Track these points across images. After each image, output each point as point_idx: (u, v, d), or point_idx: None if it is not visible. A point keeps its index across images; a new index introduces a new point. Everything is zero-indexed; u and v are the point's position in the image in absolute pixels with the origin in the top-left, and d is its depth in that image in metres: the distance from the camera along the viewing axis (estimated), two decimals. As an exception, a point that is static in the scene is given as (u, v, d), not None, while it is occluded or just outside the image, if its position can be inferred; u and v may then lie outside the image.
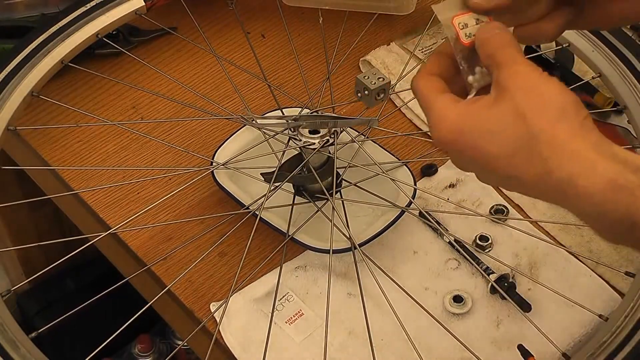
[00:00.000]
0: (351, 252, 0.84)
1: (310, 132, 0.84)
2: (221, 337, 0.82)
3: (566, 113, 0.57)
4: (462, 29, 0.64)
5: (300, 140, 0.84)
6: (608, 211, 0.54)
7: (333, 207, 0.85)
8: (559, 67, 1.05)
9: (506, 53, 0.60)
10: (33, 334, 0.76)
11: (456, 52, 0.64)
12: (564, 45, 0.98)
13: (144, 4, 0.99)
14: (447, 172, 0.96)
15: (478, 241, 0.89)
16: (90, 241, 0.83)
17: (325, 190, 0.87)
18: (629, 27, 1.10)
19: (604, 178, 0.53)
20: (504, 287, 0.85)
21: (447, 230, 0.91)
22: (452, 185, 0.95)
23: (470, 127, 0.59)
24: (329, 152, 0.87)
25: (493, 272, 0.87)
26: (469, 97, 0.63)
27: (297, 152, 0.86)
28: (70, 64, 0.95)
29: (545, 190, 0.57)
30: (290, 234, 0.86)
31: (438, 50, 0.66)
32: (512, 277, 0.86)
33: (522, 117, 0.57)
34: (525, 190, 0.59)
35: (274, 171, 0.85)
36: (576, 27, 0.75)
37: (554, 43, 1.03)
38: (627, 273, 0.83)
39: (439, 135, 0.61)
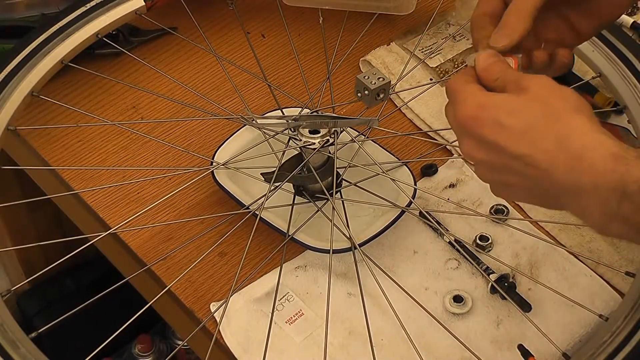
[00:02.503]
0: (351, 252, 0.84)
1: (310, 132, 0.84)
2: (221, 337, 0.82)
3: (582, 109, 0.64)
4: None
5: (301, 140, 0.84)
6: (605, 181, 0.59)
7: (333, 207, 0.85)
8: (559, 67, 1.05)
9: (513, 72, 0.68)
10: (33, 334, 0.76)
11: None
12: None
13: (144, 4, 0.99)
14: (447, 172, 0.96)
15: (478, 241, 0.89)
16: (90, 241, 0.83)
17: (325, 190, 0.87)
18: (629, 27, 1.10)
19: (608, 151, 0.60)
20: (504, 287, 0.85)
21: (447, 230, 0.91)
22: (452, 185, 0.95)
23: (494, 103, 0.65)
24: (329, 152, 0.87)
25: (493, 272, 0.87)
26: None
27: (297, 152, 0.87)
28: (70, 64, 0.95)
29: (552, 166, 0.61)
30: (290, 234, 0.86)
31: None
32: (512, 277, 0.86)
33: (544, 102, 0.63)
34: (527, 171, 0.63)
35: (274, 171, 0.85)
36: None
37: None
38: (627, 273, 0.83)
39: (463, 111, 0.65)
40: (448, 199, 0.93)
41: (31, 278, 0.84)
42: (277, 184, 0.85)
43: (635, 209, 0.59)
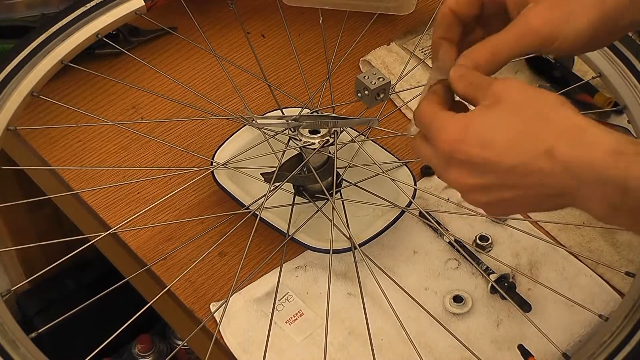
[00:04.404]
0: (351, 252, 0.84)
1: (310, 132, 0.84)
2: (221, 337, 0.82)
3: (564, 102, 0.62)
4: None
5: (300, 140, 0.84)
6: (607, 177, 0.58)
7: (333, 207, 0.85)
8: (559, 67, 1.05)
9: (487, 78, 0.66)
10: (33, 334, 0.76)
11: None
12: (564, 45, 0.98)
13: (144, 4, 0.99)
14: (447, 172, 0.96)
15: (478, 241, 0.89)
16: (90, 241, 0.83)
17: (325, 190, 0.87)
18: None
19: (607, 147, 0.59)
20: (504, 287, 0.85)
21: (447, 230, 0.91)
22: (452, 185, 0.95)
23: (474, 124, 0.62)
24: (329, 152, 0.87)
25: (493, 272, 0.87)
26: None
27: (297, 152, 0.87)
28: (70, 64, 0.95)
29: (549, 169, 0.60)
30: (290, 234, 0.86)
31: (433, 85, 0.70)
32: (512, 277, 0.86)
33: (525, 106, 0.62)
34: (525, 180, 0.61)
35: (274, 171, 0.85)
36: None
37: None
38: (627, 273, 0.83)
39: (445, 136, 0.63)
40: (448, 199, 0.93)
41: (31, 278, 0.83)
42: (277, 184, 0.85)
43: (639, 204, 0.59)
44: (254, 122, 0.90)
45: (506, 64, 0.68)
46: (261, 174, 0.86)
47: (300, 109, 0.90)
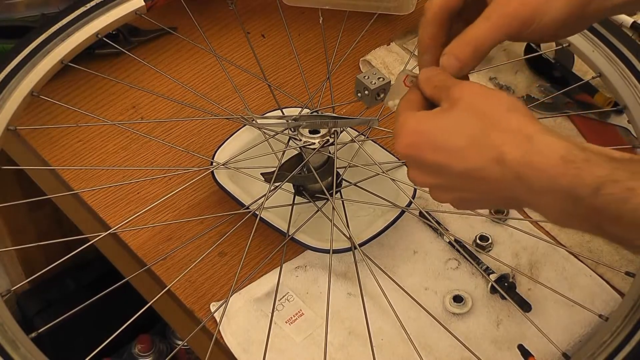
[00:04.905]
0: (351, 252, 0.84)
1: (310, 132, 0.84)
2: (221, 337, 0.82)
3: (517, 107, 0.63)
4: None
5: (300, 140, 0.84)
6: (556, 186, 0.58)
7: (333, 207, 0.85)
8: (559, 67, 1.05)
9: (451, 80, 0.67)
10: (33, 334, 0.76)
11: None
12: (563, 45, 0.98)
13: (144, 4, 0.99)
14: (447, 172, 0.96)
15: (478, 241, 0.89)
16: (90, 241, 0.83)
17: (325, 190, 0.87)
18: (629, 27, 1.10)
19: (556, 154, 0.59)
20: (504, 287, 0.85)
21: (447, 230, 0.91)
22: (452, 185, 0.95)
23: (429, 127, 0.64)
24: (329, 152, 0.87)
25: (493, 272, 0.87)
26: None
27: (297, 152, 0.87)
28: (70, 64, 0.95)
29: (499, 176, 0.60)
30: (290, 234, 0.86)
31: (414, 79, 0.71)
32: (512, 277, 0.86)
33: (478, 111, 0.62)
34: (479, 185, 0.62)
35: (274, 171, 0.85)
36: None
37: (553, 43, 1.03)
38: (627, 273, 0.83)
39: (400, 140, 0.65)
40: (448, 199, 0.93)
41: (31, 278, 0.83)
42: (277, 184, 0.85)
43: (591, 211, 0.58)
44: (254, 122, 0.90)
45: (489, 51, 0.69)
46: (261, 174, 0.86)
47: (300, 109, 0.90)
